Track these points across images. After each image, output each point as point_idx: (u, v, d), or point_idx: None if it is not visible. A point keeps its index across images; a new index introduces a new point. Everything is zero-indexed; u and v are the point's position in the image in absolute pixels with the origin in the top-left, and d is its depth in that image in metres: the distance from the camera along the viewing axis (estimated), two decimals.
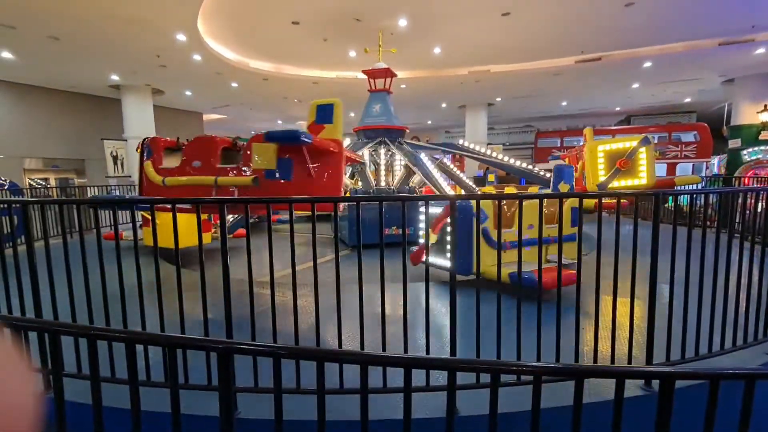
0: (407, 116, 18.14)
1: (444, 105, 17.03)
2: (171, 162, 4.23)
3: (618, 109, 19.55)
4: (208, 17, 8.09)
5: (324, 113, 3.59)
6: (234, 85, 12.67)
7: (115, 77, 11.44)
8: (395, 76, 7.74)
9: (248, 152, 3.63)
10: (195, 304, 2.34)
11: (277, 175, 3.43)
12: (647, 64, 11.32)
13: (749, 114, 12.48)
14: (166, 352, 1.37)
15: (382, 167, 7.61)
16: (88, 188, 10.66)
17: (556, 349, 2.18)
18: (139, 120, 12.58)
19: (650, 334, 2.29)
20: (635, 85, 14.03)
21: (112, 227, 2.31)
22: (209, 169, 3.76)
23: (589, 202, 3.71)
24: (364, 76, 7.99)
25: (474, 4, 7.66)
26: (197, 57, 9.78)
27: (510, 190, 6.12)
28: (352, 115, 18.73)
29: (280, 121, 21.12)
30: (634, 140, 4.91)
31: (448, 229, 4.22)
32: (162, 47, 9.07)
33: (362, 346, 2.16)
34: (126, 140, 12.69)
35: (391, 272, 2.26)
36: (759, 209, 3.01)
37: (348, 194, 7.88)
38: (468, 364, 1.32)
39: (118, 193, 11.00)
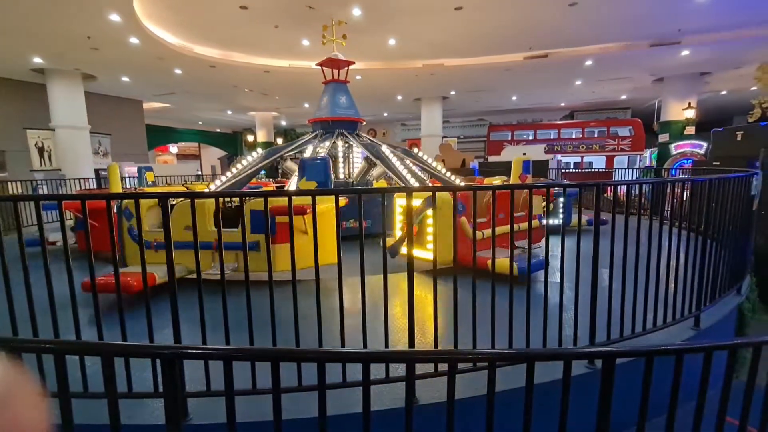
0: (363, 108, 17.97)
1: (400, 97, 17.11)
2: None
3: (563, 104, 20.70)
4: None
5: None
6: (178, 71, 11.88)
7: (38, 60, 10.28)
8: (352, 63, 7.60)
9: None
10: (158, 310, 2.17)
11: None
12: (588, 62, 12.04)
13: (676, 111, 13.72)
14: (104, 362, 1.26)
15: (340, 160, 7.46)
16: (10, 183, 9.56)
17: (509, 336, 2.28)
18: (68, 108, 11.43)
19: (593, 316, 2.45)
20: (578, 82, 14.89)
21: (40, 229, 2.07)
22: None
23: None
24: (318, 66, 7.80)
25: None
26: (134, 40, 9.03)
27: (489, 181, 6.47)
28: (307, 106, 18.31)
29: (230, 111, 20.18)
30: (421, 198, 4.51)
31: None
32: (93, 28, 8.27)
33: (320, 343, 2.13)
34: (53, 130, 11.51)
35: (349, 266, 2.24)
36: (684, 198, 3.31)
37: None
38: (426, 355, 1.34)
39: (46, 189, 10.00)
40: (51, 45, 9.26)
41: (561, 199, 6.01)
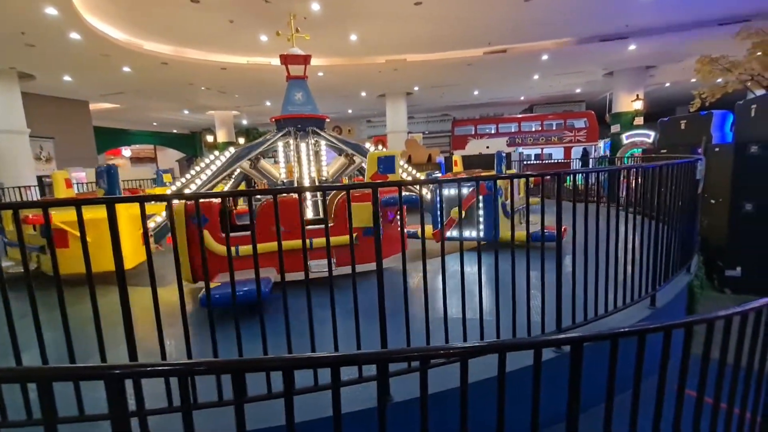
0: (327, 105, 17.82)
1: (364, 94, 17.02)
2: None
3: (522, 98, 21.36)
4: None
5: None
6: (126, 69, 11.20)
7: None
8: (309, 57, 7.37)
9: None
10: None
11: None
12: (545, 57, 12.47)
13: (626, 103, 14.51)
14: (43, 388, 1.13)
15: (292, 159, 7.16)
16: None
17: (480, 328, 2.30)
18: (3, 110, 10.53)
19: (558, 301, 2.52)
20: (536, 77, 15.41)
21: None
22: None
23: None
24: (279, 62, 7.55)
25: None
26: (75, 36, 8.41)
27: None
28: (268, 104, 17.84)
29: (186, 111, 19.31)
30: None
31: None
32: (27, 23, 7.62)
33: (289, 350, 2.05)
34: None
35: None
36: (637, 184, 3.48)
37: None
38: (399, 354, 1.30)
39: None
40: None
41: (480, 204, 4.72)
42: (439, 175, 9.79)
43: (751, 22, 9.49)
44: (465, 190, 4.56)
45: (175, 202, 2.98)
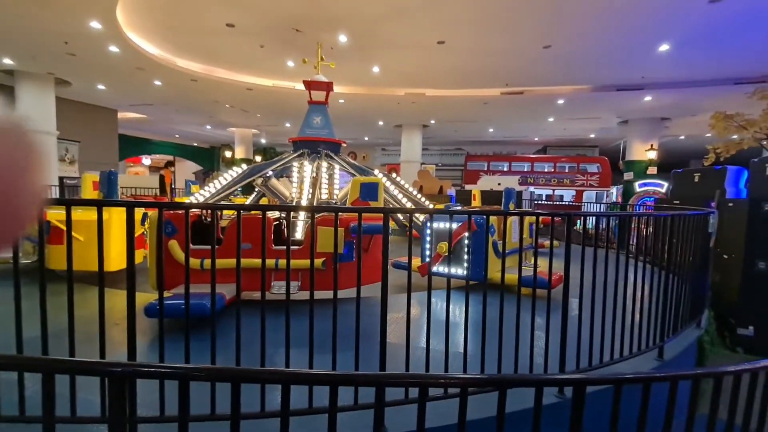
0: (345, 131, 18.26)
1: (381, 123, 17.44)
2: None
3: (536, 139, 21.64)
4: (131, 7, 7.43)
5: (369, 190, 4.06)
6: (157, 83, 11.71)
7: (7, 60, 9.92)
8: (330, 83, 7.62)
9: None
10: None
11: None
12: (560, 101, 12.73)
13: (640, 151, 14.60)
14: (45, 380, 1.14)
15: (300, 179, 7.25)
16: None
17: (480, 361, 2.26)
18: (37, 112, 10.97)
19: (563, 344, 2.47)
20: (551, 119, 15.67)
21: None
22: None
23: None
24: (302, 87, 7.85)
25: (412, 29, 8.02)
26: (114, 49, 8.89)
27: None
28: (288, 125, 18.35)
29: (209, 126, 19.94)
30: None
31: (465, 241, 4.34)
32: (71, 33, 8.09)
33: (287, 363, 2.03)
34: None
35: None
36: (647, 233, 3.46)
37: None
38: (396, 379, 1.29)
39: None
40: (24, 47, 8.98)
41: (466, 241, 4.26)
42: (459, 207, 9.79)
43: (766, 83, 9.63)
44: (453, 224, 4.49)
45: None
